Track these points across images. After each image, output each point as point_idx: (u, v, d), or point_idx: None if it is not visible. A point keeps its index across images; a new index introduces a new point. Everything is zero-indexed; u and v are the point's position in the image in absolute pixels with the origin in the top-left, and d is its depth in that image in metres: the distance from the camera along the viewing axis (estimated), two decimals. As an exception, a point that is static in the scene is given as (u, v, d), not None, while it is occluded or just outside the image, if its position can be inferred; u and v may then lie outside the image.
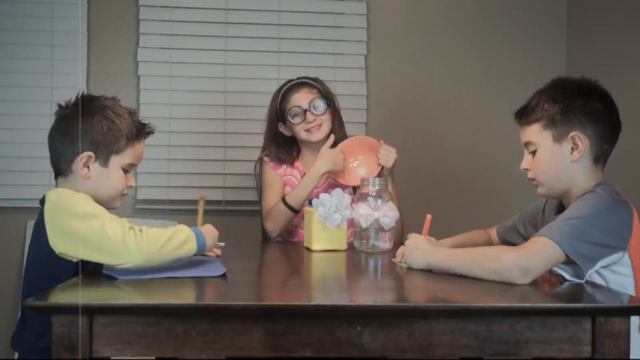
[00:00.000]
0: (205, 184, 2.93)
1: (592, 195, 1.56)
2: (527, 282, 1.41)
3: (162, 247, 1.49)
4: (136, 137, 1.71)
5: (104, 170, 1.66)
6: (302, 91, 2.38)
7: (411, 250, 1.64)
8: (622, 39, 2.67)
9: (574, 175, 1.64)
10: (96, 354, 1.22)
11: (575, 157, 1.62)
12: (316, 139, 2.37)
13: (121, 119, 1.68)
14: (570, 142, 1.63)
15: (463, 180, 3.04)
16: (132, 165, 1.72)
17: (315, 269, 1.82)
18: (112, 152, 1.67)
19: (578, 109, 1.63)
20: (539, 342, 1.25)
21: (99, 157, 1.65)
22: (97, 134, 1.65)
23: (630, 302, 1.34)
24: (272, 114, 2.42)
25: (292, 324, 1.23)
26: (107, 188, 1.66)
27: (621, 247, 1.51)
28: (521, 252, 1.43)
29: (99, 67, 2.90)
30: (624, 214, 1.54)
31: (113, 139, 1.66)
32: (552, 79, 1.74)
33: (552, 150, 1.65)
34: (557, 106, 1.64)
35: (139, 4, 2.89)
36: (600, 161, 1.66)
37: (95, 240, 1.46)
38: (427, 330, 1.24)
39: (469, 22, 3.07)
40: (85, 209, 1.51)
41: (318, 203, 1.98)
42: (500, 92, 3.04)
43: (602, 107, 1.66)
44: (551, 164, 1.65)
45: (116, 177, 1.68)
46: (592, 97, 1.66)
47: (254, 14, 2.95)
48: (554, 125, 1.64)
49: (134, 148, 1.71)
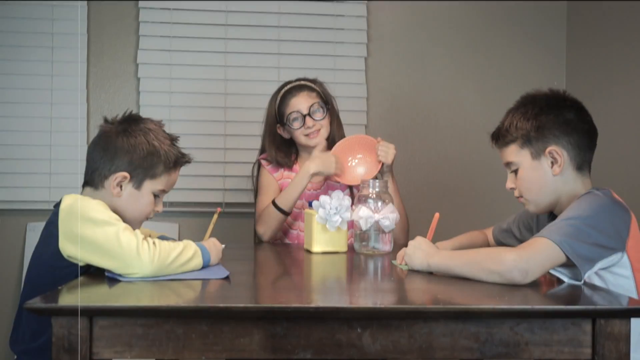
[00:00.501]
0: (205, 185, 2.93)
1: (590, 197, 1.56)
2: (527, 282, 1.42)
3: (172, 262, 1.51)
4: (173, 165, 1.73)
5: (135, 192, 1.68)
6: (301, 95, 2.36)
7: (412, 251, 1.64)
8: (621, 42, 2.67)
9: (559, 188, 1.66)
10: (96, 356, 1.22)
11: (556, 171, 1.64)
12: (315, 144, 2.36)
13: (163, 145, 1.70)
14: (548, 157, 1.65)
15: (463, 182, 3.05)
16: (164, 192, 1.74)
17: (315, 271, 1.82)
18: (147, 176, 1.68)
19: (551, 123, 1.65)
20: (539, 344, 1.25)
21: (133, 178, 1.67)
22: (137, 157, 1.66)
23: (630, 304, 1.34)
24: (270, 116, 2.41)
25: (292, 325, 1.23)
26: (134, 210, 1.66)
27: (619, 248, 1.51)
28: (521, 252, 1.43)
29: (99, 69, 2.90)
30: (621, 215, 1.55)
31: (151, 164, 1.68)
32: (520, 96, 1.75)
33: (532, 168, 1.66)
34: (530, 124, 1.66)
35: (139, 6, 2.89)
36: (583, 169, 1.67)
37: (108, 247, 1.48)
38: (427, 332, 1.24)
39: (469, 25, 3.07)
40: (102, 215, 1.52)
41: (318, 205, 1.98)
42: (499, 94, 3.04)
43: (574, 117, 1.67)
44: (534, 180, 1.67)
45: (146, 201, 1.70)
46: (562, 108, 1.67)
47: (253, 16, 2.96)
48: (530, 143, 1.66)
49: (169, 175, 1.73)
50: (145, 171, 1.68)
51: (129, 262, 1.47)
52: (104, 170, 1.66)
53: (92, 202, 1.58)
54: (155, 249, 1.48)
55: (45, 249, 1.59)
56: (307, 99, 2.35)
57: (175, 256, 1.52)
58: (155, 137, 1.70)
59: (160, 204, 1.75)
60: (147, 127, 1.71)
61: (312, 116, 2.33)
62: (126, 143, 1.66)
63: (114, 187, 1.65)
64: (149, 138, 1.69)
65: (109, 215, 1.54)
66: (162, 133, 1.73)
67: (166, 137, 1.74)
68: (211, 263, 1.64)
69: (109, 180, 1.66)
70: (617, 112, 2.65)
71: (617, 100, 2.67)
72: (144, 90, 2.90)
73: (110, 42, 2.90)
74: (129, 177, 1.66)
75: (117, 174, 1.65)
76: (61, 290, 1.33)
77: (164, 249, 1.50)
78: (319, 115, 2.34)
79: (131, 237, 1.48)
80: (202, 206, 2.91)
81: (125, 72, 2.91)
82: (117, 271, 1.48)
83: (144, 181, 1.68)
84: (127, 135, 1.67)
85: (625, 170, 2.58)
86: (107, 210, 1.56)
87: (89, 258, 1.51)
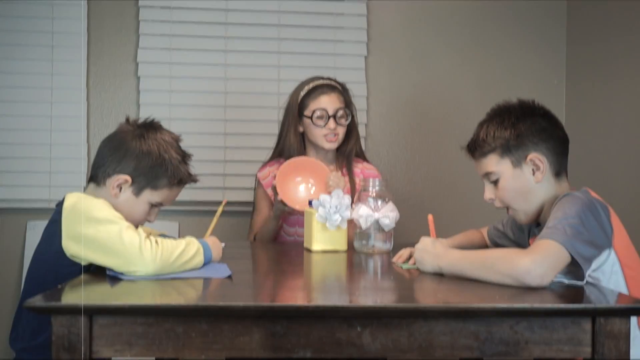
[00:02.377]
0: (205, 184, 2.91)
1: (570, 198, 1.57)
2: (543, 285, 1.39)
3: (175, 260, 1.51)
4: (177, 183, 1.73)
5: (133, 198, 1.68)
6: (333, 95, 2.35)
7: (421, 254, 1.62)
8: (621, 41, 2.67)
9: (541, 194, 1.67)
10: (96, 354, 1.22)
11: (538, 178, 1.65)
12: (329, 148, 2.36)
13: (173, 160, 1.69)
14: (530, 164, 1.65)
15: (463, 181, 3.04)
16: (160, 205, 1.73)
17: (315, 269, 1.82)
18: (149, 185, 1.68)
19: (529, 131, 1.66)
20: (539, 342, 1.25)
21: (135, 184, 1.67)
22: (144, 164, 1.66)
23: (630, 302, 1.34)
24: (292, 105, 2.37)
25: (292, 324, 1.23)
26: (127, 215, 1.64)
27: (607, 245, 1.53)
28: (534, 256, 1.41)
29: (99, 67, 2.90)
30: (603, 213, 1.55)
31: (155, 175, 1.68)
32: (490, 108, 1.77)
33: (514, 176, 1.67)
34: (508, 132, 1.67)
35: (139, 5, 2.89)
36: (561, 174, 1.69)
37: (111, 245, 1.48)
38: (427, 330, 1.24)
39: (469, 23, 3.07)
40: (105, 214, 1.53)
41: (318, 204, 1.98)
42: (500, 93, 3.01)
43: (548, 124, 1.69)
44: (518, 189, 1.68)
45: (141, 209, 1.70)
46: (536, 116, 1.69)
47: (253, 15, 2.95)
48: (509, 151, 1.67)
49: (170, 191, 1.72)
50: (148, 180, 1.67)
51: (131, 261, 1.46)
52: (109, 169, 1.66)
53: (95, 200, 1.58)
54: (158, 248, 1.48)
55: (47, 247, 1.59)
56: (337, 101, 2.35)
57: (178, 254, 1.51)
58: (167, 150, 1.69)
59: (154, 216, 1.74)
60: (162, 137, 1.71)
61: (336, 120, 2.33)
62: (137, 148, 1.66)
63: (113, 188, 1.65)
64: (161, 149, 1.68)
65: (112, 213, 1.54)
66: (176, 148, 1.73)
67: (179, 152, 1.73)
68: (212, 260, 1.64)
69: (111, 179, 1.65)
70: (617, 111, 2.65)
71: (617, 99, 2.67)
72: (144, 89, 2.90)
73: (110, 40, 2.90)
74: (130, 181, 1.66)
75: (119, 176, 1.65)
76: (61, 288, 1.33)
77: (167, 247, 1.50)
78: (343, 120, 2.34)
79: (134, 236, 1.48)
80: (202, 205, 2.90)
81: (125, 71, 2.91)
82: (120, 269, 1.48)
83: (144, 189, 1.68)
84: (140, 141, 1.67)
85: (625, 169, 2.58)
86: (110, 208, 1.56)
87: (92, 257, 1.51)
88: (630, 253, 1.60)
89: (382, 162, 2.96)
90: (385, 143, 3.02)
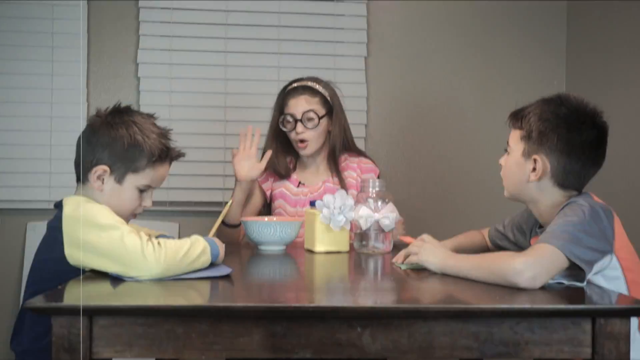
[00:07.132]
0: (205, 185, 2.93)
1: (573, 206, 1.56)
2: (535, 287, 1.40)
3: (180, 261, 1.49)
4: (158, 159, 1.67)
5: (117, 186, 1.64)
6: (300, 98, 2.27)
7: (430, 248, 1.63)
8: (622, 42, 2.67)
9: (533, 194, 1.67)
10: (96, 355, 1.22)
11: (532, 178, 1.65)
12: (303, 154, 2.32)
13: (146, 138, 1.64)
14: (532, 162, 1.64)
15: (462, 182, 3.05)
16: (150, 187, 1.69)
17: (315, 270, 1.82)
18: (129, 170, 1.64)
19: (553, 135, 1.61)
20: (539, 343, 1.25)
21: (114, 172, 1.63)
22: (117, 149, 1.62)
23: (630, 303, 1.34)
24: (274, 112, 2.35)
25: (292, 325, 1.23)
26: (117, 205, 1.61)
27: (608, 250, 1.53)
28: (528, 259, 1.41)
29: (99, 68, 2.90)
30: (606, 218, 1.55)
31: (132, 157, 1.63)
32: (558, 93, 1.70)
33: (517, 163, 1.68)
34: (539, 124, 1.63)
35: (139, 6, 2.89)
36: (568, 188, 1.65)
37: (114, 251, 1.46)
38: (427, 331, 1.24)
39: (469, 25, 3.07)
40: (106, 220, 1.50)
41: (321, 205, 1.98)
42: (499, 94, 3.04)
43: (580, 142, 1.61)
44: (512, 172, 1.70)
45: (129, 196, 1.65)
46: (573, 131, 1.62)
47: (254, 16, 2.95)
48: (528, 140, 1.65)
49: (154, 170, 1.67)
50: (127, 165, 1.63)
51: (135, 265, 1.44)
52: (86, 164, 1.62)
53: (95, 206, 1.55)
54: (161, 249, 1.46)
55: (49, 254, 1.57)
56: (304, 103, 2.27)
57: (183, 254, 1.49)
58: (140, 130, 1.64)
59: (148, 200, 1.70)
60: (131, 119, 1.65)
61: (303, 123, 2.26)
62: (107, 135, 1.62)
63: (94, 181, 1.62)
64: (131, 131, 1.63)
65: (113, 219, 1.51)
66: (149, 126, 1.67)
67: (153, 130, 1.67)
68: (219, 258, 1.61)
69: (91, 173, 1.62)
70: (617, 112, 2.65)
71: (617, 100, 2.66)
72: (144, 90, 2.90)
73: (110, 41, 2.90)
74: (109, 170, 1.62)
75: (97, 167, 1.61)
76: (61, 289, 1.33)
77: (170, 248, 1.48)
78: (310, 124, 2.26)
79: (136, 240, 1.46)
80: (201, 205, 2.91)
81: (125, 72, 2.91)
82: (125, 275, 1.46)
83: (125, 175, 1.63)
84: (109, 128, 1.62)
85: (626, 170, 2.58)
86: (111, 213, 1.53)
87: (97, 264, 1.48)
88: (632, 257, 1.59)
89: (382, 162, 2.95)
90: (385, 143, 3.02)
